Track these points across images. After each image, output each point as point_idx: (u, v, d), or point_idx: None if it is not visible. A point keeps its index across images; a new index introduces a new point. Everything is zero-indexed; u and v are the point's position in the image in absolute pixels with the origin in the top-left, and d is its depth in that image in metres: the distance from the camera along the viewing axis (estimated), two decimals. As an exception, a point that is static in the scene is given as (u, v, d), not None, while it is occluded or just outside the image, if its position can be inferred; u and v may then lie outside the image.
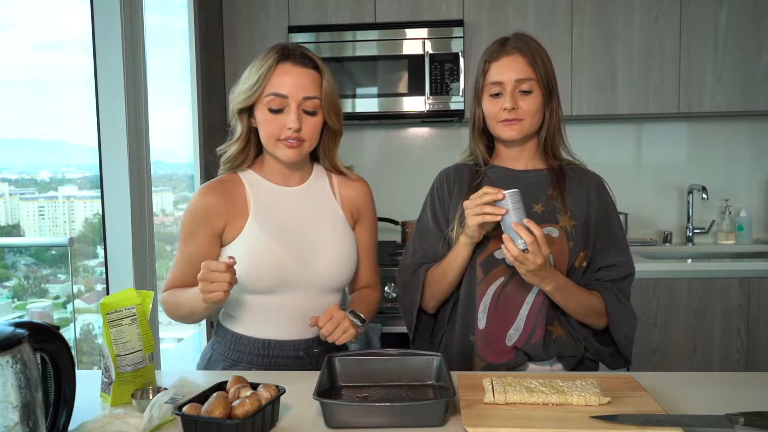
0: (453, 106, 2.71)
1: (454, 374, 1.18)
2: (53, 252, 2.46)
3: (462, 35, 2.70)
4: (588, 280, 1.41)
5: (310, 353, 1.39)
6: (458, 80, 2.70)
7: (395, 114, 2.76)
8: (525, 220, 1.23)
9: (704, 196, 2.87)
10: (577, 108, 2.77)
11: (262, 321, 1.38)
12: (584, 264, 1.40)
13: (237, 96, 1.35)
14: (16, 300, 2.40)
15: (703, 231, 3.03)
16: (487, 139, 1.48)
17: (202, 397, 1.01)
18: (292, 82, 1.31)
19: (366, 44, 2.72)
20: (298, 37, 2.73)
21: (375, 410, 1.03)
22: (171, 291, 1.42)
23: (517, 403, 1.06)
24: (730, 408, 1.03)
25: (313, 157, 1.47)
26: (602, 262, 1.43)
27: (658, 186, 3.10)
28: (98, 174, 2.13)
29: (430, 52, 2.70)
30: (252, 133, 1.39)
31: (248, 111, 1.36)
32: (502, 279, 1.37)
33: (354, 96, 2.74)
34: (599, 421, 0.98)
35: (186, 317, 1.41)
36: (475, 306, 1.39)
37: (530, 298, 1.37)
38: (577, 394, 1.06)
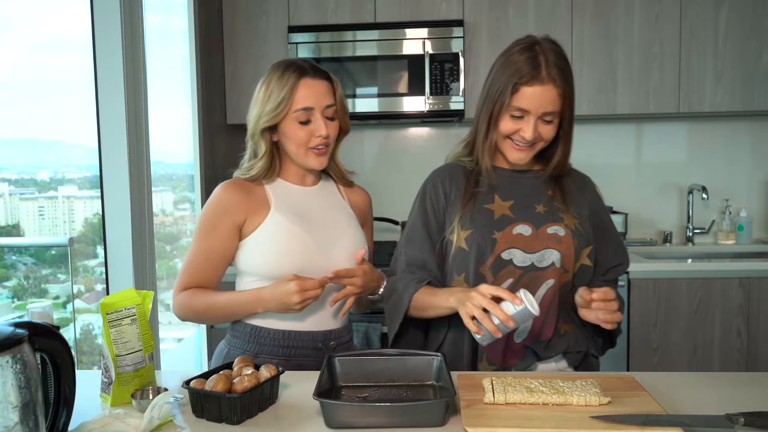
0: (453, 106, 2.71)
1: (454, 374, 1.18)
2: (53, 252, 2.46)
3: (462, 35, 2.70)
4: (597, 282, 1.40)
5: (327, 345, 1.45)
6: (458, 80, 2.70)
7: (395, 114, 2.76)
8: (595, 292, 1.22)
9: (704, 196, 2.87)
10: (577, 108, 2.73)
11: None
12: (590, 262, 1.40)
13: (261, 116, 1.41)
14: (16, 300, 2.40)
15: (703, 231, 3.03)
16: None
17: (209, 375, 1.11)
18: (315, 95, 1.41)
19: (366, 44, 2.72)
20: (298, 37, 2.74)
21: (375, 410, 1.03)
22: (193, 292, 1.41)
23: (517, 403, 1.06)
24: (730, 408, 1.03)
25: None
26: (609, 262, 1.44)
27: (658, 186, 3.10)
28: (98, 174, 2.13)
29: (430, 52, 2.70)
30: (274, 147, 1.48)
31: (270, 128, 1.44)
32: (510, 281, 1.35)
33: (354, 96, 2.74)
34: (599, 421, 0.98)
35: (214, 319, 1.47)
36: None
37: (537, 298, 1.35)
38: (577, 394, 1.06)
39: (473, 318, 1.17)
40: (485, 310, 1.16)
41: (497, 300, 1.17)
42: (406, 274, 1.41)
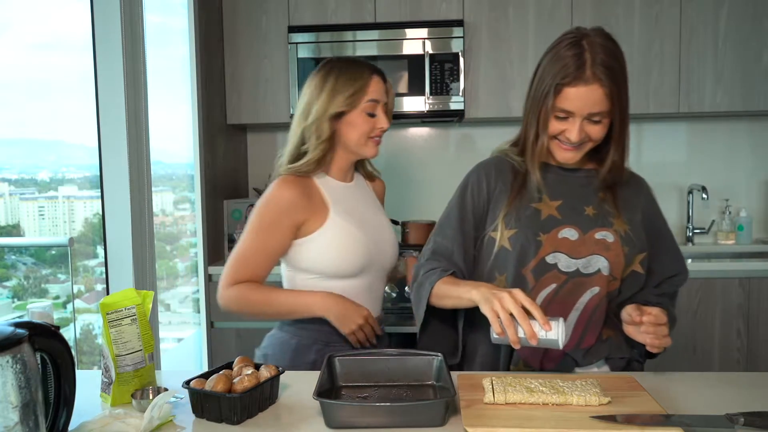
0: (453, 106, 2.71)
1: (454, 374, 1.18)
2: (53, 252, 2.46)
3: (462, 35, 2.70)
4: (649, 295, 1.34)
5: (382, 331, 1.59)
6: (458, 80, 2.70)
7: (395, 114, 2.75)
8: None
9: (704, 196, 2.87)
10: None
11: None
12: (642, 270, 1.33)
13: (332, 103, 1.48)
14: (16, 300, 2.40)
15: (703, 231, 3.03)
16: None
17: (209, 375, 1.11)
18: (381, 91, 1.53)
19: (366, 44, 2.72)
20: (298, 37, 2.73)
21: (375, 410, 1.03)
22: (248, 285, 1.48)
23: (517, 403, 1.06)
24: (730, 408, 1.03)
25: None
26: (664, 272, 1.37)
27: (658, 186, 3.06)
28: (98, 174, 2.13)
29: (430, 52, 2.70)
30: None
31: (336, 116, 1.50)
32: (553, 286, 1.28)
33: (354, 96, 2.74)
34: (599, 421, 0.98)
35: (268, 315, 1.52)
36: None
37: (580, 305, 1.29)
38: (577, 394, 1.06)
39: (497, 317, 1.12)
40: (512, 316, 1.10)
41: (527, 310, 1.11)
42: (431, 261, 1.38)
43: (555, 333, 1.09)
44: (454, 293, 1.25)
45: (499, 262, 1.32)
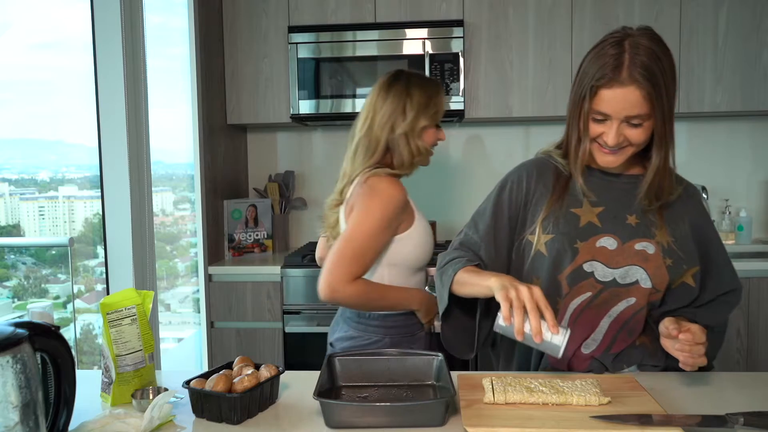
0: (453, 106, 2.71)
1: (454, 374, 1.18)
2: (53, 252, 2.46)
3: (462, 35, 2.70)
4: (699, 312, 1.28)
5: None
6: (458, 80, 2.70)
7: (395, 114, 2.76)
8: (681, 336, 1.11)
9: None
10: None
11: None
12: (694, 284, 1.28)
13: (423, 118, 1.62)
14: (16, 300, 2.40)
15: (703, 231, 3.03)
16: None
17: (209, 375, 1.12)
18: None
19: (366, 44, 2.72)
20: (298, 37, 2.74)
21: (375, 410, 1.03)
22: (366, 282, 1.55)
23: (517, 403, 1.06)
24: (730, 408, 1.03)
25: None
26: (718, 289, 1.31)
27: (658, 186, 3.09)
28: (98, 174, 2.13)
29: (430, 52, 2.70)
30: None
31: (422, 130, 1.66)
32: (588, 294, 1.26)
33: (354, 96, 2.74)
34: (599, 421, 0.98)
35: (377, 308, 1.60)
36: None
37: (614, 312, 1.26)
38: (577, 394, 1.06)
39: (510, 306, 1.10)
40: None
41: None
42: (458, 251, 1.36)
43: (559, 339, 1.08)
44: (474, 280, 1.22)
45: (535, 266, 1.30)
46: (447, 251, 1.40)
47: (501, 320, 1.11)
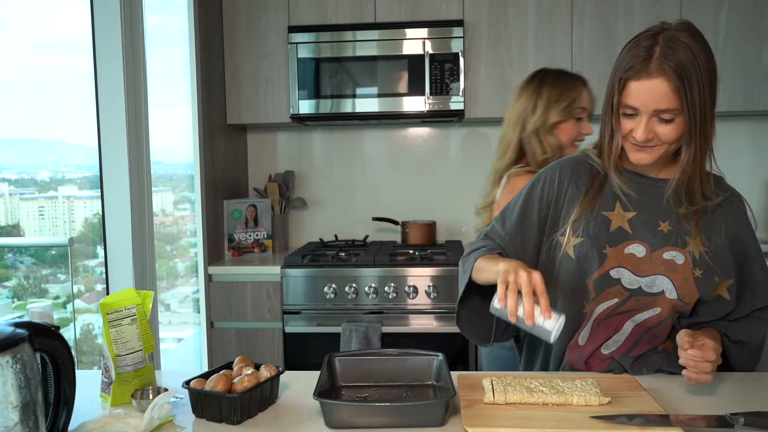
0: (453, 106, 2.71)
1: (454, 374, 1.18)
2: (53, 252, 2.46)
3: (462, 35, 2.70)
4: (738, 327, 1.26)
5: None
6: (458, 80, 2.70)
7: (395, 114, 2.76)
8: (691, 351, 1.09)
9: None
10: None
11: None
12: (729, 296, 1.24)
13: (551, 114, 1.69)
14: (16, 300, 2.40)
15: (703, 231, 3.03)
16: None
17: (209, 375, 1.12)
18: (588, 99, 1.81)
19: (366, 44, 2.72)
20: (298, 37, 2.74)
21: (375, 410, 1.03)
22: None
23: (517, 403, 1.06)
24: (730, 408, 1.03)
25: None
26: (753, 304, 1.26)
27: (658, 186, 3.09)
28: (98, 174, 2.13)
29: (430, 52, 2.70)
30: None
31: (553, 126, 1.75)
32: (615, 300, 1.24)
33: (354, 96, 2.74)
34: (599, 421, 0.98)
35: None
36: (579, 325, 1.27)
37: (638, 318, 1.25)
38: (577, 394, 1.06)
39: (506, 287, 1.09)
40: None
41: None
42: (483, 240, 1.36)
43: (551, 324, 1.07)
44: (489, 266, 1.21)
45: (563, 268, 1.28)
46: (473, 241, 1.40)
47: (496, 302, 1.11)
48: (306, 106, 2.76)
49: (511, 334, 1.41)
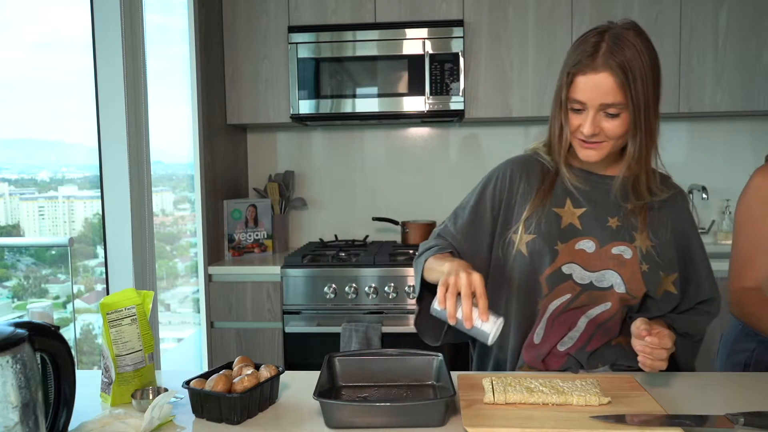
0: (453, 106, 2.71)
1: (454, 374, 1.18)
2: (53, 252, 2.46)
3: (462, 35, 2.70)
4: (683, 320, 1.30)
5: None
6: (458, 80, 2.70)
7: (395, 114, 2.76)
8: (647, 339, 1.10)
9: (704, 196, 2.87)
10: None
11: None
12: (676, 291, 1.29)
13: None
14: (16, 300, 2.40)
15: (703, 231, 3.03)
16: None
17: (209, 375, 1.12)
18: None
19: (366, 44, 2.72)
20: (298, 37, 2.74)
21: (375, 410, 1.03)
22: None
23: (517, 403, 1.06)
24: (730, 408, 1.03)
25: None
26: (696, 297, 1.32)
27: (658, 186, 3.09)
28: (98, 174, 2.13)
29: (430, 52, 2.70)
30: None
31: None
32: (568, 296, 1.27)
33: (354, 96, 2.74)
34: (599, 421, 0.98)
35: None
36: (534, 322, 1.30)
37: (591, 314, 1.27)
38: (577, 394, 1.06)
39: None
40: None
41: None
42: (435, 239, 1.37)
43: (489, 327, 1.06)
44: (438, 266, 1.21)
45: (516, 266, 1.30)
46: (426, 240, 1.40)
47: (436, 304, 1.11)
48: (306, 106, 2.76)
49: (464, 336, 1.41)
